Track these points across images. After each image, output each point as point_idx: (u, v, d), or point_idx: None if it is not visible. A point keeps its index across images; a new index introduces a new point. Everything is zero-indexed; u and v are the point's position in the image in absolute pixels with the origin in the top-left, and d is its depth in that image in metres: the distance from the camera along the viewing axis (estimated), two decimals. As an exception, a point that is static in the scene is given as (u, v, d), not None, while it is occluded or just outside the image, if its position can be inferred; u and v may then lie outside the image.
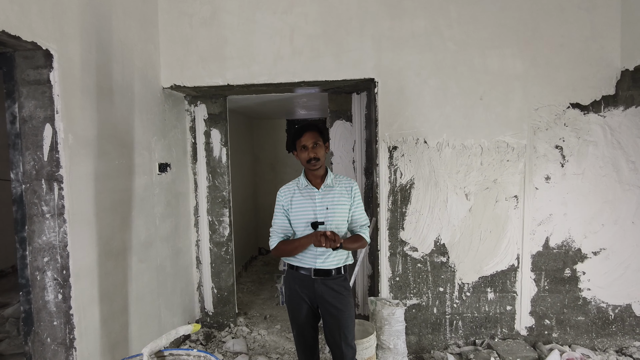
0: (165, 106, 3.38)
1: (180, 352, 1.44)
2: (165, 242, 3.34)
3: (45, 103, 2.12)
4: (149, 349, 1.38)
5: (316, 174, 2.31)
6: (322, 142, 2.29)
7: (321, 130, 2.31)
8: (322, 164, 2.29)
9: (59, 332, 2.21)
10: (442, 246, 3.30)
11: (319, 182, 2.33)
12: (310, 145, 2.24)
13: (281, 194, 2.35)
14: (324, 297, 2.25)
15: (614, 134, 3.16)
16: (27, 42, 1.94)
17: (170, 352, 1.44)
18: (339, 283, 2.28)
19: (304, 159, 2.26)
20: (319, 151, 2.25)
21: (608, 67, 3.12)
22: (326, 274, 2.26)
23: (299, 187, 2.34)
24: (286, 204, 2.32)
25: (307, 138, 2.25)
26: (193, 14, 3.30)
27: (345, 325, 2.27)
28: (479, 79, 3.18)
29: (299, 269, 2.30)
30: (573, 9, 3.11)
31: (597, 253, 3.24)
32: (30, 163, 2.15)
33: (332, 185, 2.32)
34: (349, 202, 2.31)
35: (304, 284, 2.28)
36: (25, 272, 2.19)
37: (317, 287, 2.26)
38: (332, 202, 2.28)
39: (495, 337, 3.33)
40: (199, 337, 3.74)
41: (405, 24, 3.19)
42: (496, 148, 3.22)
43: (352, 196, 2.33)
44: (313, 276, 2.26)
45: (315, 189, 2.30)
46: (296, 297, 2.32)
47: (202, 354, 1.42)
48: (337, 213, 2.27)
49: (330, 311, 2.26)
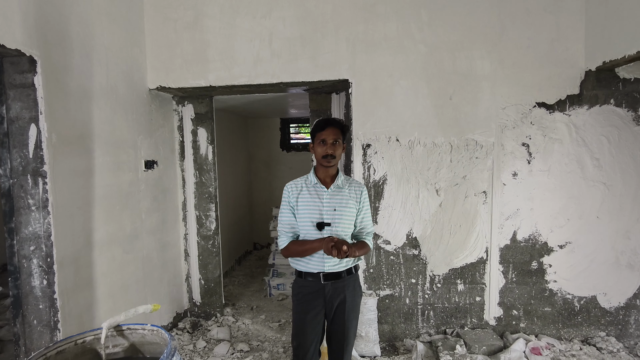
0: (152, 106, 3.57)
1: (136, 327, 1.62)
2: (152, 235, 3.54)
3: (30, 105, 2.31)
4: (107, 323, 1.56)
5: (328, 172, 2.26)
6: (341, 141, 2.22)
7: (343, 129, 2.24)
8: (336, 163, 2.23)
9: (44, 315, 2.41)
10: (414, 239, 3.45)
11: (329, 181, 2.27)
12: (330, 140, 2.17)
13: (288, 190, 2.28)
14: (333, 300, 2.23)
15: (578, 132, 3.28)
16: (11, 49, 2.13)
17: (128, 327, 1.62)
18: (350, 283, 2.26)
19: (320, 153, 2.19)
20: (337, 149, 2.19)
21: (572, 68, 3.24)
22: (336, 277, 2.22)
23: (306, 184, 2.27)
24: (292, 201, 2.25)
25: (328, 133, 2.18)
26: (177, 19, 3.48)
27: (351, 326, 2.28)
28: (448, 80, 3.32)
29: (307, 275, 2.23)
30: (539, 11, 3.23)
31: (563, 246, 3.36)
32: (17, 160, 2.34)
33: (342, 187, 2.27)
34: (357, 207, 2.27)
35: (314, 290, 2.22)
36: (13, 260, 2.39)
37: (328, 291, 2.21)
38: (340, 203, 2.23)
39: (465, 327, 3.48)
40: (186, 326, 3.93)
41: (378, 27, 3.34)
42: (465, 146, 3.36)
43: (360, 201, 2.29)
44: (323, 281, 2.21)
45: (324, 188, 2.24)
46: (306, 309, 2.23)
47: (155, 328, 1.59)
48: (344, 216, 2.22)
49: (342, 309, 2.24)
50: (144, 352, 1.65)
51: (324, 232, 2.19)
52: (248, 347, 3.53)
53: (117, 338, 1.62)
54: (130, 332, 1.62)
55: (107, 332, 1.56)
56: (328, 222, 2.18)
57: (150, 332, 1.60)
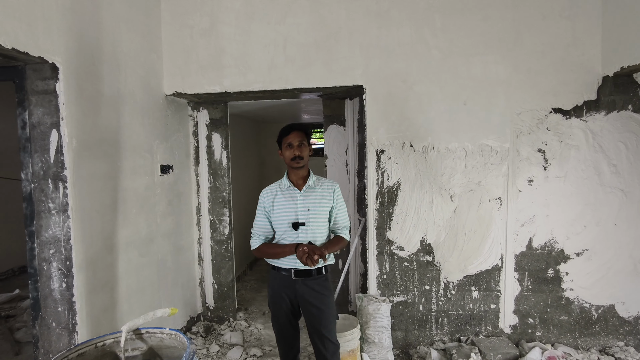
0: (168, 112, 3.62)
1: (155, 330, 1.64)
2: (167, 239, 3.57)
3: (51, 110, 2.36)
4: (127, 327, 1.58)
5: (299, 174, 2.40)
6: (307, 143, 2.38)
7: (307, 132, 2.41)
8: (305, 164, 2.37)
9: (63, 318, 2.44)
10: (428, 246, 3.44)
11: (302, 183, 2.41)
12: (296, 143, 2.33)
13: (263, 195, 2.44)
14: (304, 297, 2.34)
15: (595, 138, 3.24)
16: (34, 57, 2.19)
17: (146, 330, 1.64)
18: (319, 283, 2.36)
19: (288, 156, 2.35)
20: (303, 150, 2.34)
21: (589, 73, 3.21)
22: (307, 274, 2.33)
23: (281, 188, 2.42)
24: (268, 206, 2.40)
25: (293, 136, 2.34)
26: (194, 25, 3.53)
27: (326, 323, 2.35)
28: (462, 85, 3.32)
29: (280, 269, 2.38)
30: (554, 17, 3.21)
31: (580, 254, 3.32)
32: (38, 164, 2.39)
33: (314, 187, 2.40)
34: (330, 204, 2.40)
35: (285, 284, 2.37)
36: (33, 263, 2.44)
37: (298, 288, 2.34)
38: (313, 203, 2.36)
39: (480, 335, 3.44)
40: (200, 330, 3.96)
41: (391, 32, 3.35)
42: (480, 151, 3.34)
43: (334, 198, 2.41)
44: (294, 277, 2.33)
45: (297, 190, 2.38)
46: (277, 297, 2.40)
47: (173, 332, 1.61)
48: (318, 214, 2.35)
49: (310, 310, 2.35)
50: (162, 355, 1.67)
51: (299, 232, 2.33)
52: (261, 352, 3.53)
53: (136, 341, 1.64)
54: (149, 335, 1.64)
55: (127, 335, 1.59)
56: (303, 222, 2.32)
57: (168, 336, 1.62)
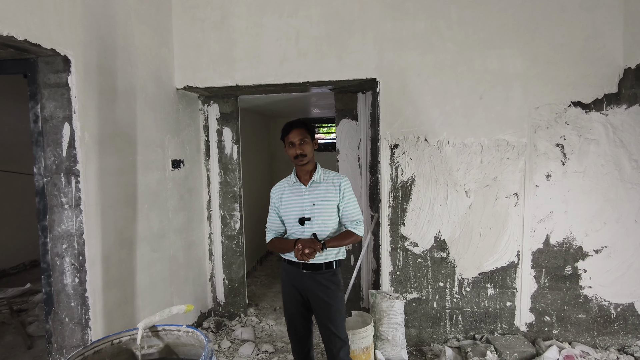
0: (179, 106, 3.59)
1: (171, 328, 1.61)
2: (178, 234, 3.55)
3: (64, 104, 2.33)
4: (143, 324, 1.55)
5: (304, 169, 2.38)
6: (309, 139, 2.34)
7: (308, 127, 2.38)
8: (309, 160, 2.34)
9: (76, 313, 2.43)
10: (442, 242, 3.38)
11: (308, 178, 2.39)
12: (297, 141, 2.31)
13: (273, 192, 2.47)
14: (312, 291, 2.33)
15: (616, 132, 3.16)
16: (47, 49, 2.16)
17: (163, 328, 1.61)
18: (327, 277, 2.34)
19: (291, 155, 2.34)
20: (305, 147, 2.31)
21: (610, 66, 3.12)
22: (315, 268, 2.32)
23: (289, 184, 2.43)
24: (277, 202, 2.43)
25: (294, 135, 2.32)
26: (205, 18, 3.49)
27: (334, 318, 2.33)
28: (478, 79, 3.24)
29: (291, 262, 2.39)
30: (574, 8, 3.12)
31: (599, 251, 3.24)
32: (50, 158, 2.37)
33: (320, 182, 2.37)
34: (337, 198, 2.36)
35: (295, 276, 2.38)
36: (46, 258, 2.42)
37: (306, 281, 2.34)
38: (318, 197, 2.34)
39: (495, 332, 3.38)
40: (210, 325, 3.94)
41: (406, 25, 3.28)
42: (496, 146, 3.27)
43: (340, 192, 2.36)
44: (303, 270, 2.34)
45: (303, 186, 2.38)
46: (288, 288, 2.43)
47: (190, 329, 1.58)
48: (323, 209, 2.33)
49: (319, 304, 2.34)
50: (178, 353, 1.64)
51: (305, 227, 2.33)
52: (273, 348, 3.50)
53: (152, 339, 1.61)
54: (165, 333, 1.61)
55: (143, 332, 1.55)
56: (308, 217, 2.32)
57: (185, 334, 1.59)
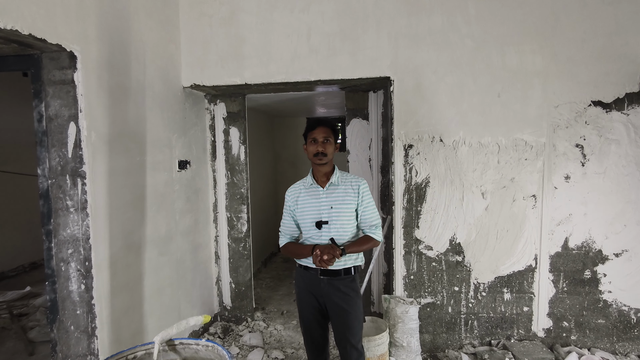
0: (186, 105, 3.48)
1: (189, 342, 1.50)
2: (185, 237, 3.44)
3: (69, 102, 2.22)
4: (160, 337, 1.45)
5: (322, 170, 2.29)
6: (332, 140, 2.27)
7: (334, 128, 2.31)
8: (328, 160, 2.27)
9: (82, 321, 2.32)
10: (458, 245, 3.28)
11: (325, 180, 2.31)
12: (320, 139, 2.23)
13: (288, 195, 2.37)
14: (330, 297, 2.25)
15: (637, 132, 3.06)
16: (52, 44, 2.04)
17: (180, 341, 1.50)
18: (346, 284, 2.25)
19: (311, 152, 2.25)
20: (327, 147, 2.23)
21: (632, 63, 3.02)
22: (333, 274, 2.24)
23: (305, 186, 2.34)
24: (292, 204, 2.34)
25: (319, 132, 2.24)
26: (213, 14, 3.38)
27: (351, 326, 2.25)
28: (496, 76, 3.14)
29: (307, 267, 2.29)
30: (596, 3, 3.02)
31: (619, 255, 3.15)
32: (55, 159, 2.26)
33: (338, 184, 2.29)
34: (355, 202, 2.27)
35: (312, 282, 2.28)
36: (51, 263, 2.31)
37: (324, 287, 2.25)
38: (336, 201, 2.25)
39: (512, 338, 3.29)
40: (217, 331, 3.83)
41: (422, 21, 3.18)
42: (514, 146, 3.17)
43: (359, 195, 2.28)
44: (320, 276, 2.25)
45: (320, 188, 2.29)
46: (304, 294, 2.32)
47: (210, 343, 1.47)
48: (342, 212, 2.25)
49: (336, 311, 2.25)
50: (195, 367, 1.54)
51: (323, 231, 2.24)
52: (283, 355, 3.40)
53: (169, 353, 1.50)
54: (183, 347, 1.50)
55: (160, 346, 1.45)
56: (326, 221, 2.23)
57: (204, 348, 1.48)
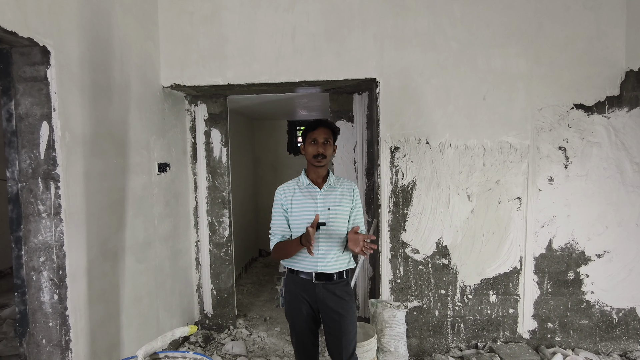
0: (165, 105, 3.35)
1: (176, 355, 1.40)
2: (165, 243, 3.30)
3: (42, 100, 2.08)
4: (143, 351, 1.34)
5: (319, 172, 2.25)
6: (332, 142, 2.24)
7: (334, 130, 2.28)
8: (327, 163, 2.23)
9: (55, 334, 2.17)
10: (444, 248, 3.26)
11: (321, 182, 2.27)
12: (321, 140, 2.19)
13: (280, 193, 2.28)
14: (325, 302, 2.18)
15: (618, 135, 3.12)
16: (23, 38, 1.91)
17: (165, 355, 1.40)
18: (340, 288, 2.21)
19: (310, 152, 2.20)
20: (327, 149, 2.20)
21: (612, 67, 3.08)
22: (328, 278, 2.19)
23: (299, 186, 2.27)
24: (286, 203, 2.24)
25: (319, 132, 2.20)
26: (193, 11, 3.27)
27: (347, 331, 2.20)
28: (482, 79, 3.15)
29: (300, 273, 2.22)
30: (578, 8, 3.07)
31: (601, 256, 3.19)
32: (26, 161, 2.11)
33: (334, 186, 2.26)
34: (350, 204, 2.26)
35: (305, 288, 2.21)
36: (20, 273, 2.15)
37: (319, 292, 2.18)
38: (334, 202, 2.22)
39: (498, 340, 3.28)
40: (198, 339, 3.70)
41: (408, 22, 3.16)
42: (499, 149, 3.18)
43: (354, 198, 2.27)
44: (314, 280, 2.18)
45: (317, 189, 2.24)
46: (296, 301, 2.23)
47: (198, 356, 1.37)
48: (338, 214, 2.21)
49: (331, 316, 2.19)
50: (182, 383, 1.43)
51: (319, 232, 2.17)
52: (267, 363, 3.30)
53: (154, 368, 1.40)
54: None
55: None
56: (323, 222, 2.18)
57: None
